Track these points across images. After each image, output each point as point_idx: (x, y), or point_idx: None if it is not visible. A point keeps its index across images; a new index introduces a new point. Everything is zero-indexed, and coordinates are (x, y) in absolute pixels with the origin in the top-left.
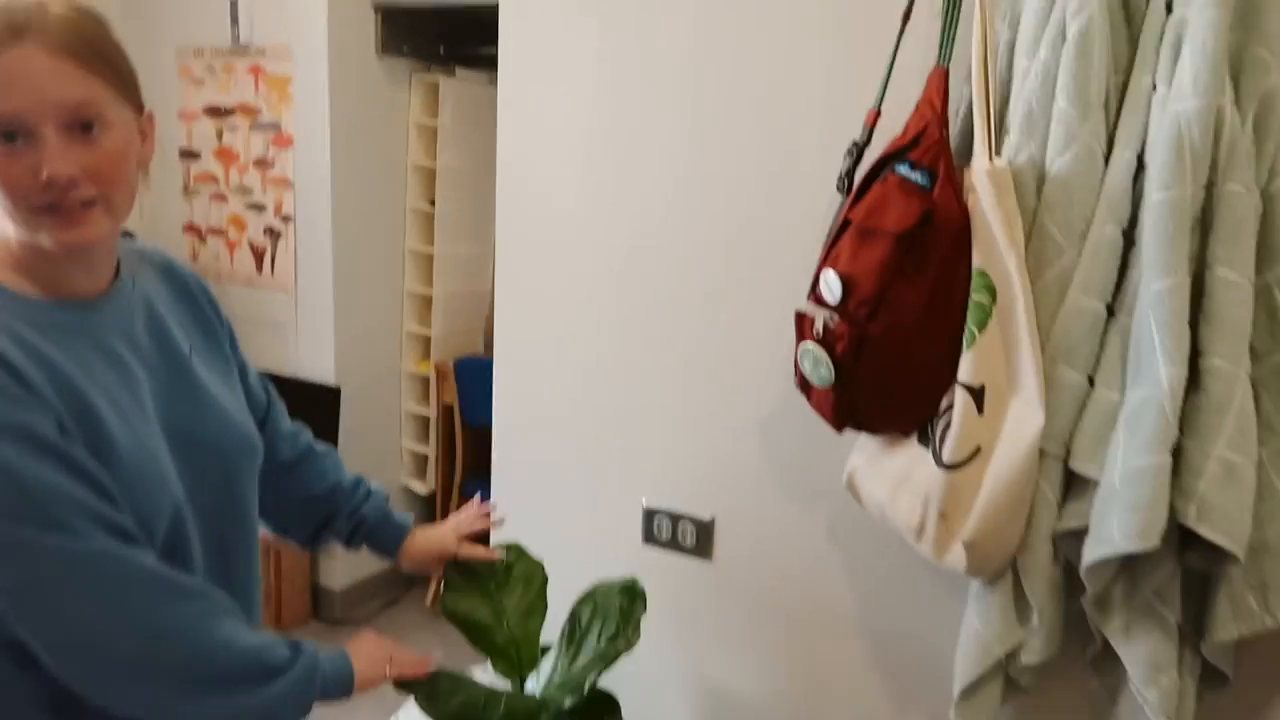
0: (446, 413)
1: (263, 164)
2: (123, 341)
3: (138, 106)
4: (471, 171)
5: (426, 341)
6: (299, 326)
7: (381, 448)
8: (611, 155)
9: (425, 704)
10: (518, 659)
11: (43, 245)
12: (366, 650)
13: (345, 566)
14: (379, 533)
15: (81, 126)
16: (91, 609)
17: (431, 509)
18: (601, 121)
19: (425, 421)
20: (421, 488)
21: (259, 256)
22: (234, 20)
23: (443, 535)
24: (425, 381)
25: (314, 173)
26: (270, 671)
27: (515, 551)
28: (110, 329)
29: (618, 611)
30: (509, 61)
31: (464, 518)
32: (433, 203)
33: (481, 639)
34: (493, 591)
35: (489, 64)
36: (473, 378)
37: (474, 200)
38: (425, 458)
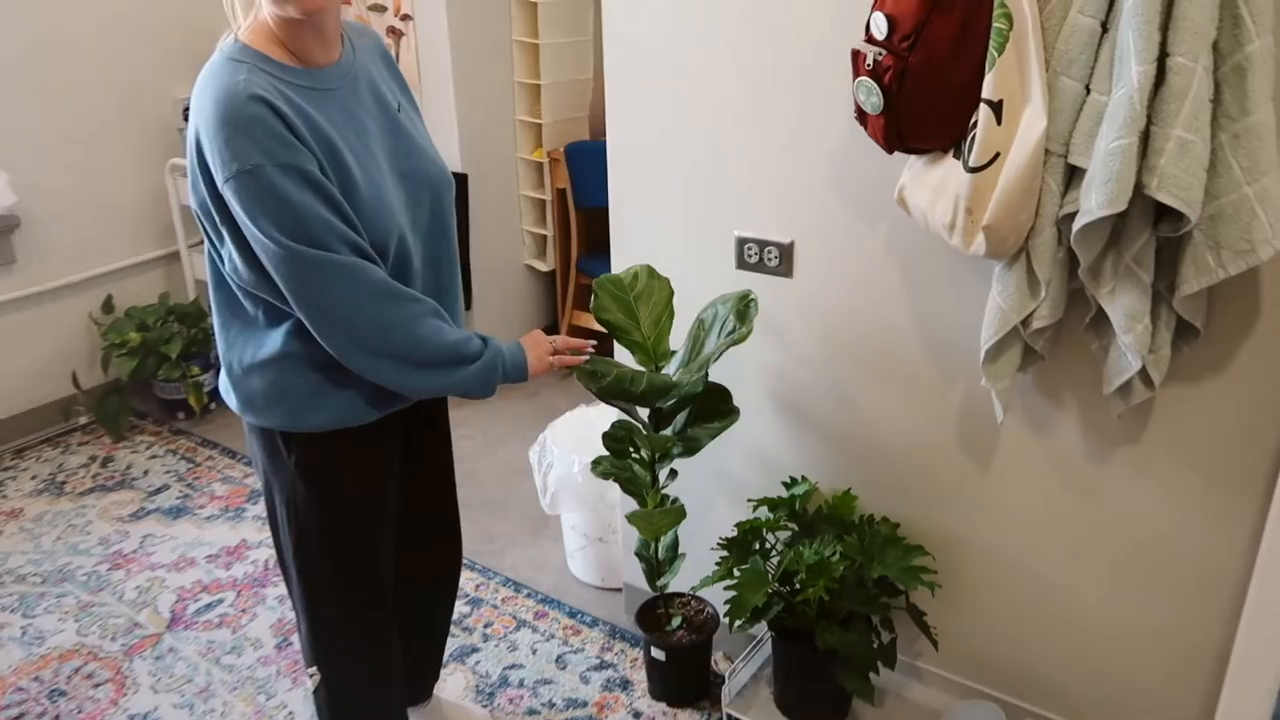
0: (560, 196)
1: None
2: (353, 99)
3: None
4: None
5: (538, 129)
6: (426, 119)
7: (504, 230)
8: None
9: (586, 380)
10: (653, 352)
11: (289, 14)
12: (536, 342)
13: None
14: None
15: None
16: (342, 304)
17: (552, 285)
18: None
19: (542, 204)
20: (543, 265)
21: None
22: None
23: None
24: (539, 167)
25: None
26: (466, 358)
27: (647, 271)
28: (344, 89)
29: (734, 314)
30: None
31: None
32: None
33: (624, 337)
34: (630, 302)
35: None
36: (582, 162)
37: None
38: (544, 238)
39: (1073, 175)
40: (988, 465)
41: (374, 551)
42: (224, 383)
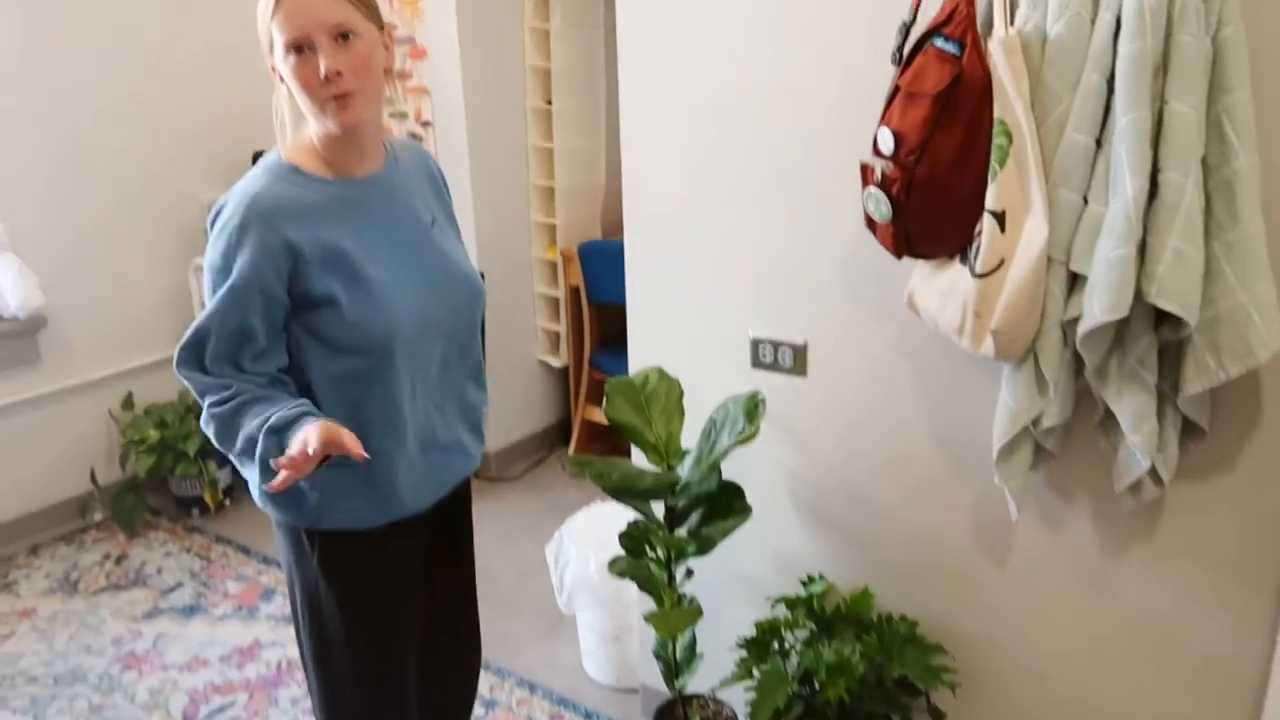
0: (573, 293)
1: (402, 75)
2: (383, 207)
3: (379, 24)
4: (581, 71)
5: (552, 229)
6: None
7: (518, 326)
8: (720, 37)
9: (596, 479)
10: (665, 451)
11: (330, 129)
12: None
13: (498, 432)
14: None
15: (342, 37)
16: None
17: (565, 380)
18: (704, 10)
19: (555, 301)
20: (556, 361)
21: None
22: None
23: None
24: (553, 265)
25: (446, 80)
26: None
27: (658, 373)
28: (375, 198)
29: (744, 414)
30: None
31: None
32: (549, 102)
33: (635, 437)
34: (642, 403)
35: None
36: (595, 260)
37: (585, 98)
38: (557, 334)
39: (1075, 281)
40: (1004, 562)
41: (395, 653)
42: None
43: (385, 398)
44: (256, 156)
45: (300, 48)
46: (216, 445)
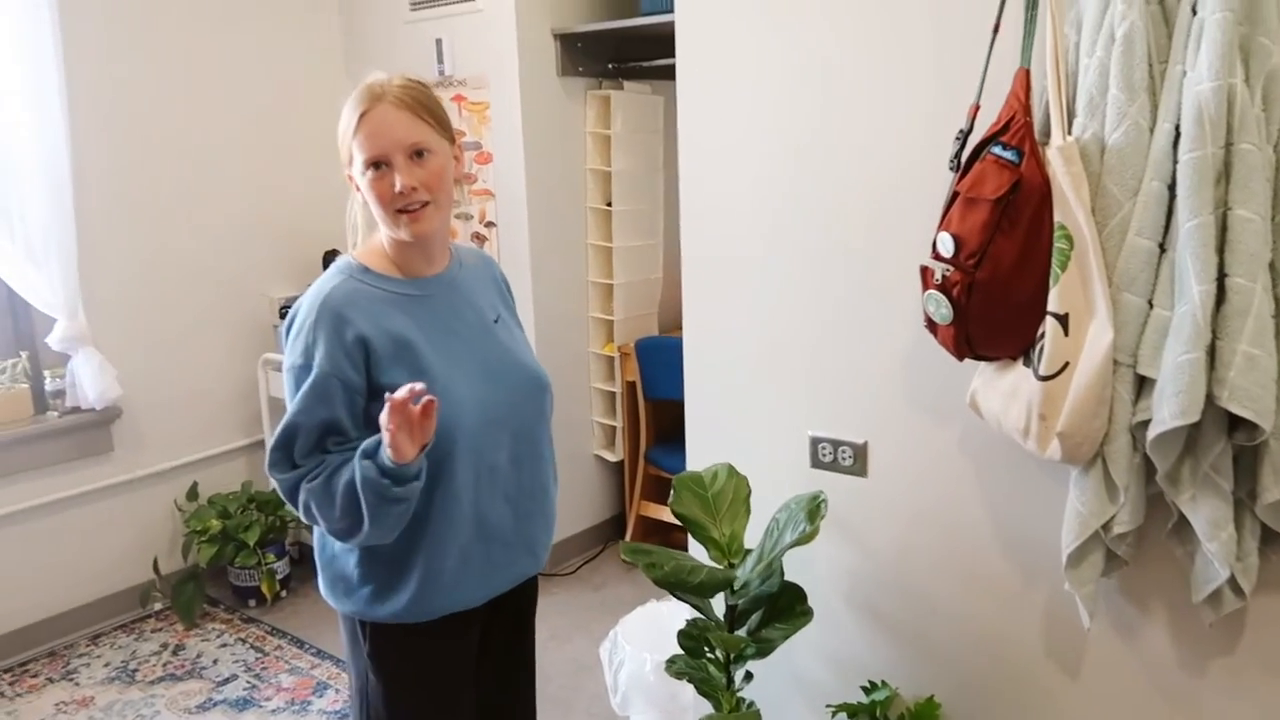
0: (630, 389)
1: (468, 178)
2: (447, 306)
3: (451, 138)
4: (641, 173)
5: (609, 325)
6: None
7: (575, 421)
8: (777, 146)
9: (648, 568)
10: (727, 549)
11: (402, 237)
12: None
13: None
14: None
15: (417, 154)
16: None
17: (620, 475)
18: (765, 119)
19: (612, 397)
20: (611, 456)
21: None
22: (439, 58)
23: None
24: (610, 361)
25: (510, 183)
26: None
27: (727, 469)
28: (440, 296)
29: (805, 514)
30: (687, 65)
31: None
32: (609, 203)
33: (699, 532)
34: (709, 499)
35: (654, 75)
36: (652, 356)
37: (644, 199)
38: (613, 429)
39: (1143, 384)
40: (1076, 673)
41: None
42: (317, 565)
43: (446, 488)
44: (327, 256)
45: (378, 164)
46: (321, 522)
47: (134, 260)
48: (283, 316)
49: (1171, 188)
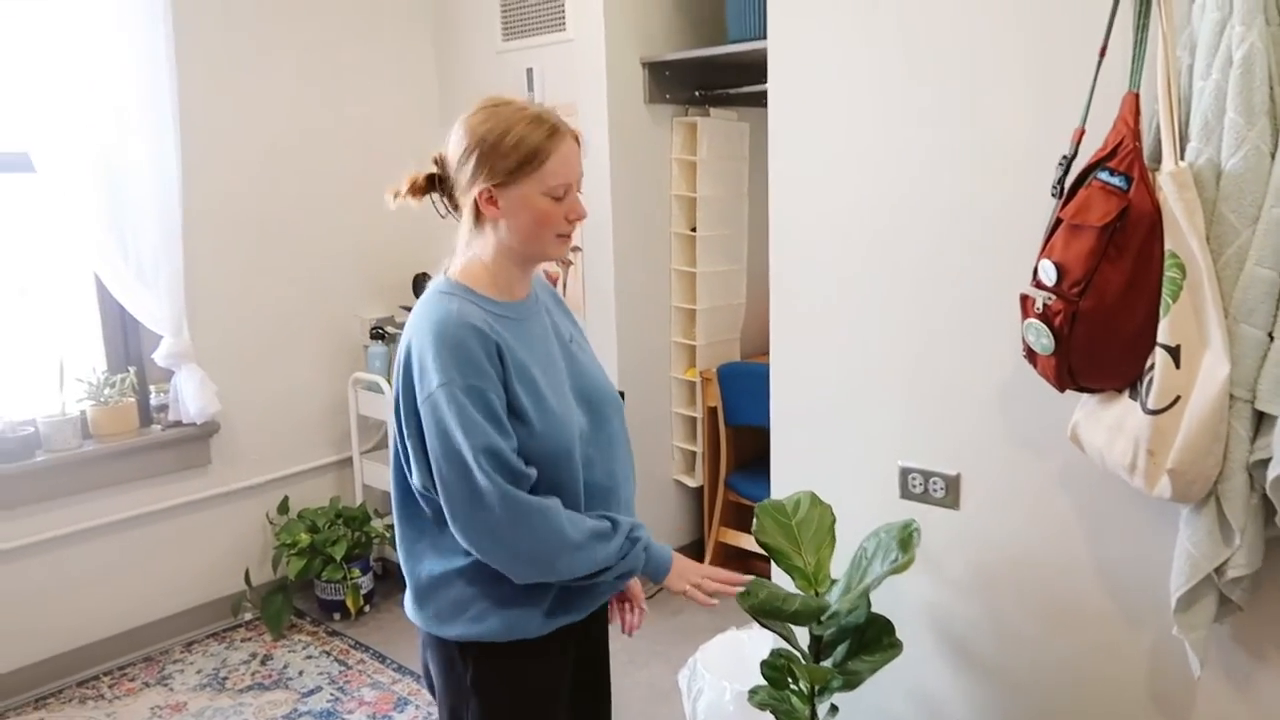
0: (711, 414)
1: None
2: (539, 327)
3: None
4: (726, 198)
5: (691, 350)
6: (590, 341)
7: (655, 446)
8: (872, 172)
9: (741, 596)
10: (813, 579)
11: (547, 258)
12: (685, 563)
13: None
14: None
15: (580, 189)
16: (476, 520)
17: (700, 500)
18: (860, 145)
19: (693, 422)
20: (691, 481)
21: (553, 282)
22: (530, 86)
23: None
24: (691, 386)
25: (598, 208)
26: (605, 534)
27: (810, 497)
28: (532, 319)
29: (897, 543)
30: (780, 89)
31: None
32: (693, 229)
33: (783, 561)
34: (793, 527)
35: (740, 101)
36: (733, 382)
37: (728, 224)
38: (693, 454)
39: (1261, 420)
40: None
41: None
42: (409, 598)
43: (568, 505)
44: (418, 280)
45: (563, 195)
46: (535, 544)
47: (235, 281)
48: (374, 337)
49: None
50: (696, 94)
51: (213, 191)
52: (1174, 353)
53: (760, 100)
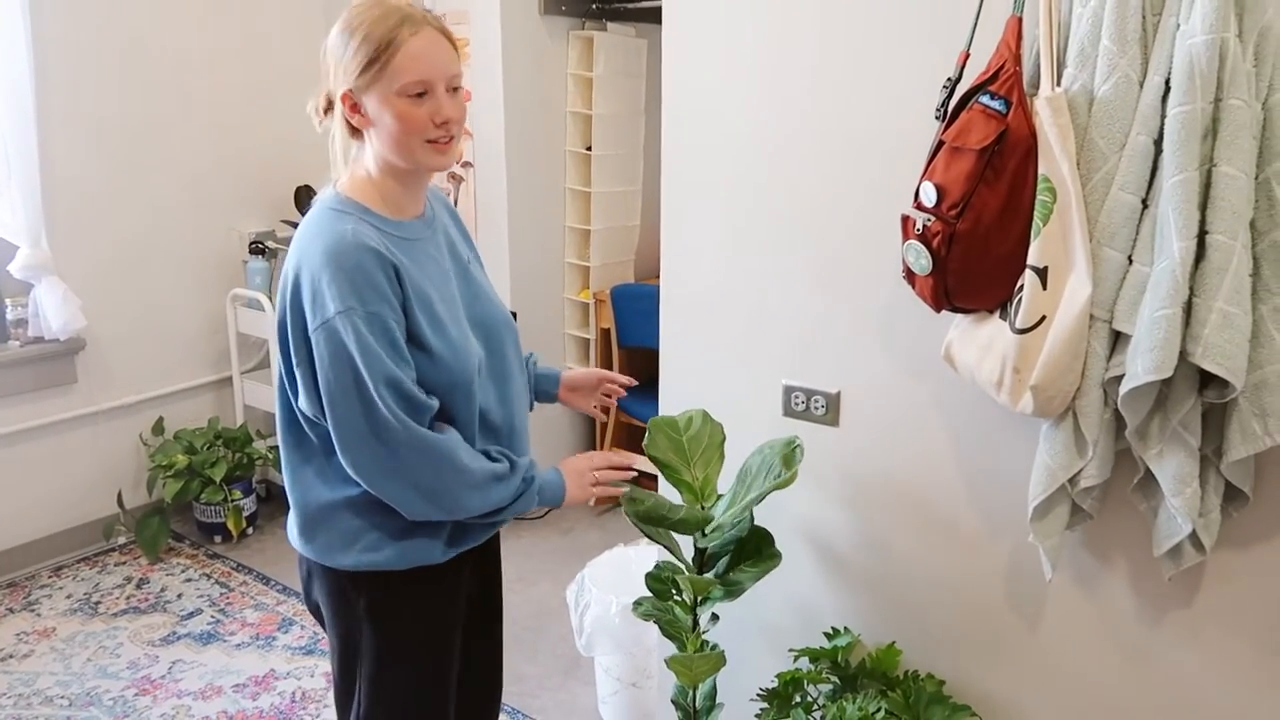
0: (604, 336)
1: None
2: (435, 249)
3: None
4: (622, 116)
5: (585, 272)
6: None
7: None
8: (764, 91)
9: (627, 503)
10: (700, 493)
11: (421, 168)
12: (577, 471)
13: None
14: (543, 380)
15: (453, 89)
16: (372, 455)
17: (591, 422)
18: (753, 64)
19: (586, 343)
20: None
21: None
22: None
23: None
24: (585, 308)
25: (490, 123)
26: (500, 476)
27: (702, 415)
28: (427, 240)
29: (780, 460)
30: (674, 5)
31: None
32: (589, 147)
33: (672, 475)
34: (683, 443)
35: (637, 17)
36: (627, 303)
37: (624, 143)
38: None
39: (1117, 340)
40: (1036, 625)
41: (441, 699)
42: (294, 527)
43: (464, 435)
44: (300, 192)
45: (422, 92)
46: (440, 486)
47: (100, 189)
48: (254, 252)
49: (1158, 142)
50: (594, 7)
51: (75, 89)
52: (1042, 274)
53: (658, 16)
